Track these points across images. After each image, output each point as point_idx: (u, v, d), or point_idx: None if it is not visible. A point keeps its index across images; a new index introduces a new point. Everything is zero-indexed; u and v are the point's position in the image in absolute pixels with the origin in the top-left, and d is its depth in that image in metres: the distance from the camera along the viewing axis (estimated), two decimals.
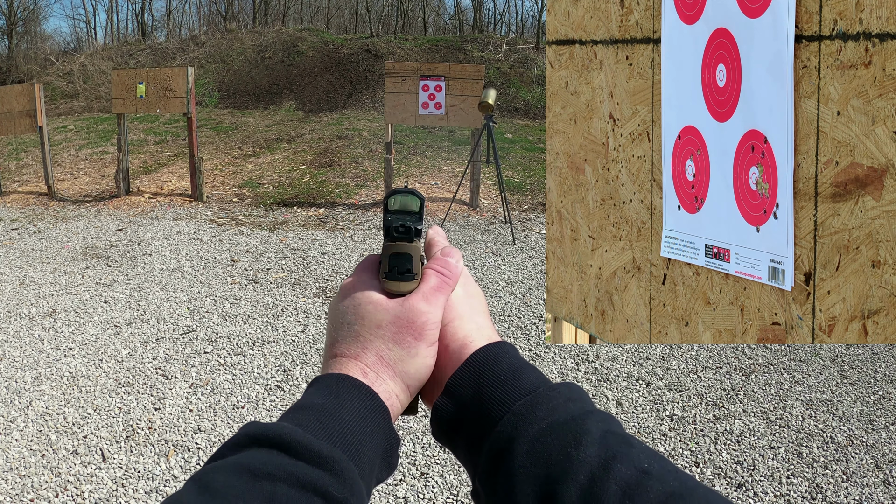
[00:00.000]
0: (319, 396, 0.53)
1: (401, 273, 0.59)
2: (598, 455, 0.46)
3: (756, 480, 3.03)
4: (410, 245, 0.60)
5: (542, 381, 0.54)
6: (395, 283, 0.59)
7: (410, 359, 0.57)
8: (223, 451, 0.48)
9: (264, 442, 0.47)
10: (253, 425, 0.49)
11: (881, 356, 4.26)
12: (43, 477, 3.06)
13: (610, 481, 0.44)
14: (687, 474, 0.46)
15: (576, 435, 0.48)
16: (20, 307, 5.12)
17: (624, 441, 0.48)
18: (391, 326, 0.57)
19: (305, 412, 0.51)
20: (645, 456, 0.46)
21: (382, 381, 0.56)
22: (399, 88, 7.83)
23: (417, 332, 0.57)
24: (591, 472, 0.45)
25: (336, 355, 0.58)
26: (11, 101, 8.65)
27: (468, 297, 0.63)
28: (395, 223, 0.61)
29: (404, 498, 2.90)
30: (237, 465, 0.45)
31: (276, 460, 0.46)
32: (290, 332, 4.60)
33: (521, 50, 16.70)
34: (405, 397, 0.58)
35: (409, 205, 0.62)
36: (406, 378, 0.57)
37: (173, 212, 7.98)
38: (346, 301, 0.60)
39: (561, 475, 0.46)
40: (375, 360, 0.57)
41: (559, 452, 0.47)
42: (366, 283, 0.60)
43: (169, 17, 26.86)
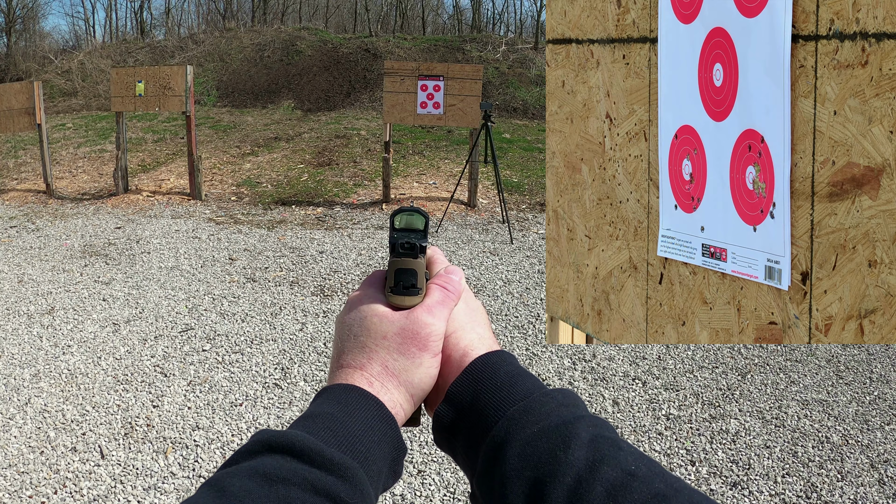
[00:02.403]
0: (328, 406, 0.54)
1: (406, 288, 0.61)
2: (585, 458, 0.47)
3: (751, 479, 3.03)
4: (415, 261, 0.62)
5: (537, 387, 0.56)
6: (401, 298, 0.61)
7: (415, 369, 0.59)
8: (236, 457, 0.49)
9: (277, 448, 0.48)
10: (265, 433, 0.50)
11: (877, 356, 4.27)
12: (41, 473, 3.06)
13: (596, 483, 0.45)
14: (674, 476, 0.47)
15: (565, 438, 0.49)
16: (19, 305, 5.12)
17: (613, 444, 0.49)
18: (396, 338, 0.59)
19: (315, 421, 0.53)
20: (632, 458, 0.48)
21: (388, 390, 0.58)
22: (397, 88, 7.83)
23: (422, 343, 0.59)
24: (577, 473, 0.46)
25: (342, 366, 0.60)
26: (10, 99, 8.64)
27: (470, 311, 0.64)
28: (401, 240, 0.63)
29: (402, 495, 2.90)
30: (252, 470, 0.46)
31: (289, 466, 0.47)
32: (287, 331, 4.60)
33: (520, 50, 16.70)
34: (409, 407, 0.59)
35: (414, 223, 0.64)
36: (410, 388, 0.59)
37: (172, 210, 7.97)
38: (353, 314, 0.62)
39: (549, 477, 0.47)
40: (381, 370, 0.58)
41: (548, 455, 0.48)
42: (371, 297, 0.62)
43: (168, 15, 26.85)
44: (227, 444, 3.28)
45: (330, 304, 5.10)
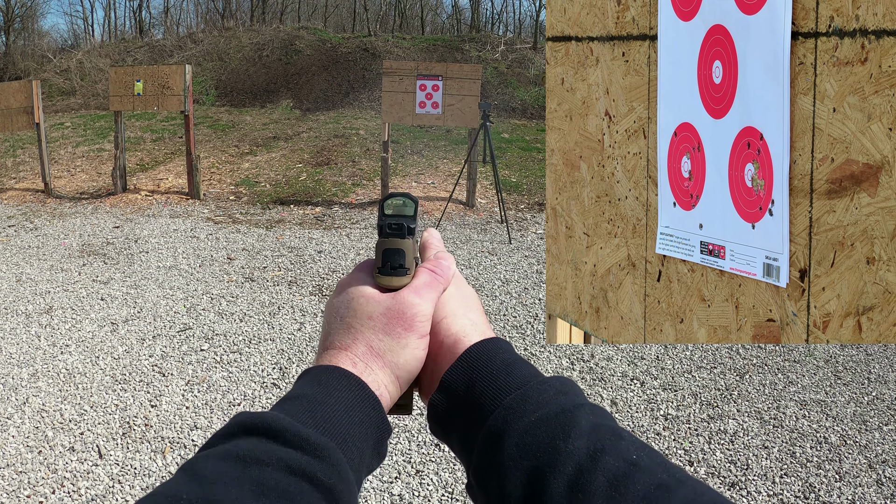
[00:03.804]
0: (308, 387, 0.54)
1: (393, 268, 0.61)
2: (586, 447, 0.47)
3: (749, 480, 3.03)
4: (403, 241, 0.61)
5: (533, 375, 0.55)
6: (388, 278, 0.61)
7: (400, 349, 0.58)
8: (213, 440, 0.49)
9: (253, 430, 0.48)
10: (242, 415, 0.50)
11: (875, 357, 4.27)
12: (39, 473, 3.05)
13: (597, 472, 0.45)
14: (677, 466, 0.46)
15: (564, 427, 0.48)
16: (17, 304, 5.11)
17: (613, 433, 0.48)
18: (382, 318, 0.59)
19: (294, 402, 0.52)
20: (634, 448, 0.47)
21: (371, 371, 0.57)
22: (396, 88, 7.83)
23: (408, 324, 0.58)
24: (578, 463, 0.46)
25: (328, 347, 0.59)
26: (9, 98, 8.63)
27: (461, 296, 0.64)
28: (389, 221, 0.62)
29: (399, 495, 2.90)
30: (226, 452, 0.46)
31: (264, 447, 0.46)
32: (286, 330, 4.59)
33: (519, 50, 16.70)
34: (395, 388, 0.59)
35: (403, 208, 0.64)
36: (396, 369, 0.58)
37: (170, 209, 7.97)
38: (341, 296, 0.62)
39: (549, 467, 0.46)
40: (365, 350, 0.58)
41: (548, 445, 0.48)
42: (360, 280, 0.62)
43: (167, 14, 26.83)
44: None
45: None
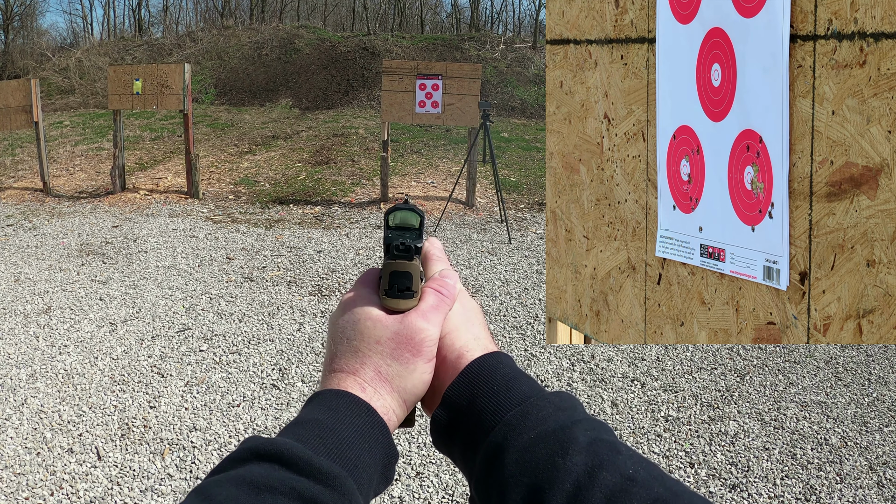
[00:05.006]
0: (318, 412, 0.54)
1: (400, 291, 0.60)
2: (584, 463, 0.47)
3: (750, 482, 3.03)
4: (410, 264, 0.61)
5: (534, 390, 0.56)
6: (395, 301, 0.60)
7: (408, 374, 0.58)
8: (224, 464, 0.49)
9: (265, 456, 0.48)
10: (253, 440, 0.50)
11: (875, 358, 4.27)
12: (38, 475, 3.05)
13: (595, 489, 0.45)
14: (674, 480, 0.47)
15: (563, 444, 0.49)
16: (15, 304, 5.11)
17: (612, 448, 0.49)
18: (390, 343, 0.58)
19: (305, 427, 0.52)
20: (632, 462, 0.48)
21: (380, 396, 0.57)
22: (396, 87, 7.82)
23: (416, 349, 0.58)
24: (576, 479, 0.46)
25: (335, 370, 0.59)
26: (7, 97, 8.62)
27: (465, 312, 0.64)
28: (396, 241, 0.62)
29: (400, 497, 2.90)
30: (239, 478, 0.46)
31: (277, 474, 0.47)
32: (285, 331, 4.59)
33: (518, 49, 16.69)
34: (401, 412, 0.59)
35: (409, 220, 0.63)
36: (403, 393, 0.58)
37: (169, 209, 7.96)
38: (346, 316, 0.61)
39: (548, 483, 0.47)
40: (374, 375, 0.58)
41: (546, 461, 0.48)
42: (365, 299, 0.62)
43: (166, 13, 26.81)
44: (225, 445, 3.28)
45: (328, 303, 5.10)
